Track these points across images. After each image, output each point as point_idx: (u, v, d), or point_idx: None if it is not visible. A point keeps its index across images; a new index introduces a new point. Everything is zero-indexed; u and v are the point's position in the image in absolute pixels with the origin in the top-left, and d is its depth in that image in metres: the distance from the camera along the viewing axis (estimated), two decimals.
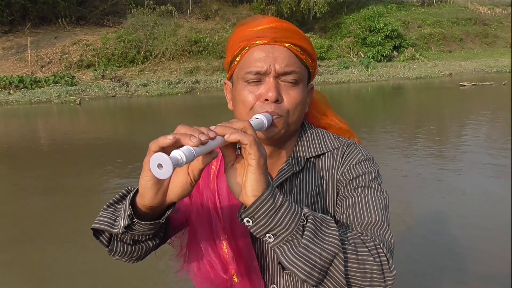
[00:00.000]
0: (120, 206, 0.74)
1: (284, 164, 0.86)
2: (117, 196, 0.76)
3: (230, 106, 0.90)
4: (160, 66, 20.92)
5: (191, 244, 0.86)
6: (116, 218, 0.72)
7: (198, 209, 0.85)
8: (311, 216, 0.64)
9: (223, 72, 20.86)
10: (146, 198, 0.62)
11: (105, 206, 0.75)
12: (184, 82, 17.93)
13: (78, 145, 7.58)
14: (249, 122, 0.64)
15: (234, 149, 0.65)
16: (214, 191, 0.85)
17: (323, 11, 26.69)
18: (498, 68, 22.34)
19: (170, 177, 0.62)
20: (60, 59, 19.50)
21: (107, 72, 18.90)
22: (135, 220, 0.66)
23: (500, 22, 34.42)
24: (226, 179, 0.66)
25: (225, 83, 0.92)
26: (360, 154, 0.84)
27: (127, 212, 0.66)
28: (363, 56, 24.88)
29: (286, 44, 0.79)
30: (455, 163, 5.61)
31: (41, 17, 22.00)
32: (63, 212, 4.27)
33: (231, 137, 0.60)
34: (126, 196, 0.75)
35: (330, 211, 0.83)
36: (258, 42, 0.79)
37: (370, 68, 21.19)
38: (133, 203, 0.67)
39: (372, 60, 23.57)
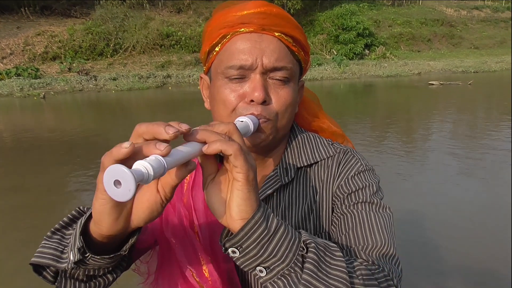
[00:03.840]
0: (70, 232, 0.59)
1: (272, 173, 0.73)
2: (65, 219, 0.60)
3: (207, 105, 0.77)
4: (130, 59, 20.31)
5: (162, 270, 0.72)
6: (64, 249, 0.57)
7: (171, 227, 0.71)
8: (313, 244, 0.52)
9: (196, 66, 20.50)
10: (102, 225, 0.48)
11: (49, 233, 0.59)
12: (155, 77, 17.49)
13: (42, 141, 7.18)
14: (235, 125, 0.51)
15: (215, 158, 0.53)
16: (189, 206, 0.72)
17: (297, 8, 26.72)
18: (463, 68, 23.10)
19: (133, 198, 0.49)
20: (23, 51, 18.57)
21: (74, 65, 18.17)
22: (88, 254, 0.52)
23: (465, 24, 35.61)
24: (205, 197, 0.53)
25: (201, 77, 0.79)
26: (359, 164, 0.73)
27: (77, 244, 0.51)
28: (335, 53, 25.11)
29: (276, 34, 0.66)
30: (424, 162, 5.68)
31: (2, 6, 20.79)
32: (23, 213, 3.98)
33: (210, 149, 0.47)
34: (78, 219, 0.60)
35: (325, 230, 0.71)
36: (242, 29, 0.66)
37: (342, 65, 21.40)
38: (86, 230, 0.53)
39: (344, 57, 23.82)
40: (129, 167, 0.39)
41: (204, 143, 0.48)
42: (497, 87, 16.25)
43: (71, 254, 0.53)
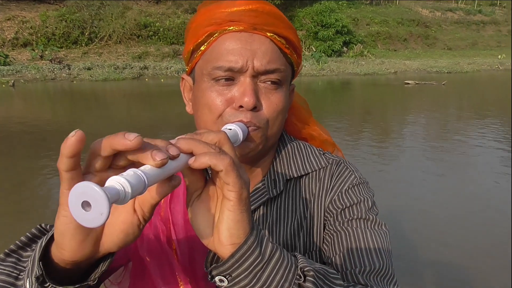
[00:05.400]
0: (28, 254, 0.51)
1: (259, 185, 0.68)
2: (23, 238, 0.52)
3: (189, 109, 0.70)
4: (106, 49, 19.76)
5: None
6: (19, 274, 0.49)
7: (146, 243, 0.64)
8: (311, 272, 0.46)
9: (174, 58, 20.15)
10: (64, 249, 0.41)
11: (2, 255, 0.51)
12: (131, 68, 17.08)
13: (10, 132, 6.87)
14: (226, 134, 0.45)
15: (202, 172, 0.46)
16: (166, 220, 0.65)
17: (277, 3, 26.63)
18: (437, 68, 23.68)
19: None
20: None
21: (47, 52, 17.48)
22: (48, 284, 0.44)
23: (439, 25, 36.54)
24: (189, 217, 0.46)
25: (182, 79, 0.71)
26: (353, 177, 0.68)
27: (36, 271, 0.43)
28: (314, 50, 25.24)
29: (268, 34, 0.60)
30: (397, 158, 5.77)
31: None
32: None
33: (198, 162, 0.40)
34: (38, 238, 0.52)
35: (316, 248, 0.66)
36: (231, 28, 0.59)
37: (321, 62, 21.53)
38: (46, 254, 0.45)
39: (323, 54, 23.98)
40: (102, 183, 0.33)
41: (191, 154, 0.42)
42: (469, 88, 16.78)
43: (27, 282, 0.45)
